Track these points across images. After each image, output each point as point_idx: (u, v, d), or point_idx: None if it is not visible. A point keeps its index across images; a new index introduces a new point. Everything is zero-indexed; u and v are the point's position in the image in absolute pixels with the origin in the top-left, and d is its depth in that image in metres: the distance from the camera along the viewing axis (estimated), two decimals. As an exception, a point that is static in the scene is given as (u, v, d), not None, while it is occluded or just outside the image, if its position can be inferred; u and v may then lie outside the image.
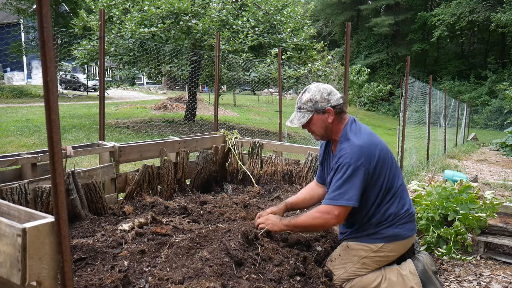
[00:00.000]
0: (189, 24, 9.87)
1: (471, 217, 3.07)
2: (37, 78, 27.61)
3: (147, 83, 37.34)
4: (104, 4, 10.63)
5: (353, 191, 1.98)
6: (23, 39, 23.03)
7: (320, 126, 2.15)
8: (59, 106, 1.22)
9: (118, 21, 10.25)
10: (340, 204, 1.99)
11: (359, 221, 2.15)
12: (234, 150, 4.42)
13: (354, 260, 2.13)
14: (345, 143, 2.05)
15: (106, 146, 3.35)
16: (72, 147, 3.04)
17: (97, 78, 17.39)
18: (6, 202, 1.59)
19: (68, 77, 26.10)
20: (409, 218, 2.14)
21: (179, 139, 3.99)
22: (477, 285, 2.78)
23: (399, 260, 2.24)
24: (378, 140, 2.11)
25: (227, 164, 4.48)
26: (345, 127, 2.13)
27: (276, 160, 4.15)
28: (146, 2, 10.01)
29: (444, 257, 2.99)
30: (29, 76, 28.19)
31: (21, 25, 21.69)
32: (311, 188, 2.51)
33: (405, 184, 2.22)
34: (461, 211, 3.04)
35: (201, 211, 3.11)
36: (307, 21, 12.33)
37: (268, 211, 2.38)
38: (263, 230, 2.18)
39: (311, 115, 2.12)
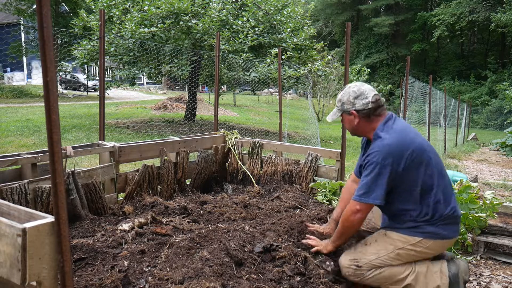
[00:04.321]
0: (189, 24, 9.87)
1: (471, 217, 3.07)
2: (37, 78, 27.60)
3: (147, 83, 37.33)
4: (104, 4, 10.63)
5: (379, 190, 2.03)
6: (23, 39, 23.02)
7: (349, 125, 2.28)
8: (59, 106, 1.22)
9: (118, 21, 10.24)
10: (365, 201, 2.06)
11: (400, 215, 2.13)
12: (234, 150, 4.42)
13: (389, 249, 2.11)
14: (377, 141, 2.11)
15: (106, 146, 3.35)
16: (72, 147, 3.04)
17: (97, 78, 17.39)
18: (6, 202, 1.59)
19: (68, 77, 26.07)
20: (452, 219, 2.11)
21: (179, 139, 3.99)
22: (477, 285, 2.78)
23: (434, 258, 2.22)
24: (410, 138, 2.08)
25: (227, 164, 4.48)
26: (379, 125, 2.16)
27: (276, 160, 4.14)
28: (146, 2, 10.00)
29: (444, 257, 2.99)
30: (29, 76, 28.19)
31: (21, 25, 21.67)
32: (348, 189, 2.55)
33: (451, 186, 2.17)
34: (461, 211, 3.03)
35: (201, 211, 3.11)
36: (307, 21, 12.32)
37: (320, 230, 2.55)
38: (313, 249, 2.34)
39: (340, 114, 2.29)
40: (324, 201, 3.64)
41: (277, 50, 8.03)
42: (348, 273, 2.16)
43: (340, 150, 3.95)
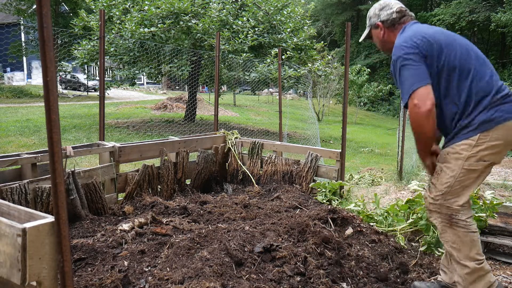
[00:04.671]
0: (189, 24, 9.88)
1: (471, 217, 3.06)
2: (37, 78, 27.60)
3: (147, 83, 37.33)
4: (104, 4, 10.63)
5: (420, 72, 1.94)
6: (23, 39, 23.02)
7: (377, 39, 2.31)
8: (59, 106, 1.22)
9: (118, 21, 10.25)
10: (417, 89, 1.91)
11: (448, 120, 2.02)
12: (234, 150, 4.42)
13: (459, 164, 1.96)
14: (394, 46, 2.12)
15: (106, 146, 3.35)
16: (72, 147, 3.04)
17: (97, 78, 17.39)
18: (6, 202, 1.59)
19: (68, 77, 26.07)
20: (503, 99, 1.94)
21: (179, 139, 4.00)
22: (477, 285, 2.77)
23: None
24: (422, 31, 2.05)
25: (227, 164, 4.48)
26: (400, 31, 2.19)
27: (276, 160, 4.15)
28: (146, 2, 10.01)
29: (444, 257, 2.99)
30: (29, 76, 28.19)
31: (21, 25, 21.68)
32: None
33: (490, 67, 2.05)
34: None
35: (201, 211, 3.11)
36: (307, 21, 12.33)
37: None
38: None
39: (369, 30, 2.34)
40: (324, 201, 3.64)
41: (277, 50, 8.04)
42: (435, 209, 2.04)
43: (340, 150, 3.95)
